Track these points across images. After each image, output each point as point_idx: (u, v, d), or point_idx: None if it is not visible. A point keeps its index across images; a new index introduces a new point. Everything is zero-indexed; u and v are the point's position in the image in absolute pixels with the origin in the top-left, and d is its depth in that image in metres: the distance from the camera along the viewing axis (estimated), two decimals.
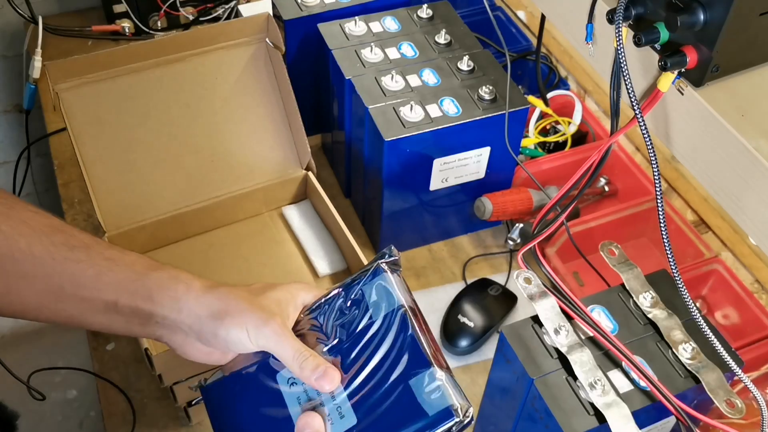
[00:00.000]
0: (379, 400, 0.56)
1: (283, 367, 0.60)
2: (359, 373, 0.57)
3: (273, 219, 0.97)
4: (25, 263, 0.58)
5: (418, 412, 0.54)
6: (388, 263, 0.61)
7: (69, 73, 0.84)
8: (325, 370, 0.57)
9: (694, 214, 1.05)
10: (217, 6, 1.23)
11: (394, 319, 0.58)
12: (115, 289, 0.59)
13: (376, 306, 0.59)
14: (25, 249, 0.58)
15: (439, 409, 0.53)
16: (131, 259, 0.61)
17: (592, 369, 0.60)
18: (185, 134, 0.91)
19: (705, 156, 0.53)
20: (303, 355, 0.58)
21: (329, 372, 0.57)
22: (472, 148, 0.92)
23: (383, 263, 0.61)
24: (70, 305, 0.60)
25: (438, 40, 0.97)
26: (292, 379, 0.59)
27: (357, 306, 0.60)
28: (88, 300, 0.59)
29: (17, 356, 1.62)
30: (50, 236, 0.59)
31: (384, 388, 0.56)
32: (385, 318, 0.58)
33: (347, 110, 0.96)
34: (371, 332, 0.58)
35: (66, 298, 0.59)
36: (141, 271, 0.60)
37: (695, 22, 0.50)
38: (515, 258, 1.01)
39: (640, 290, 0.66)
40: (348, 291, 0.61)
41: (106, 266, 0.60)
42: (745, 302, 0.92)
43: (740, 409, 0.58)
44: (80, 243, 0.60)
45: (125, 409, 0.85)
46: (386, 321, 0.58)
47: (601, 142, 1.07)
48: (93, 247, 0.61)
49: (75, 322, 0.61)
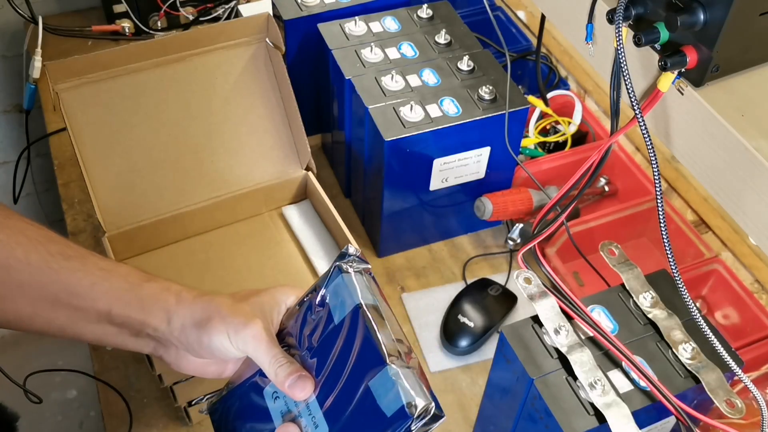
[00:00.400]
0: (346, 406, 0.55)
1: (268, 382, 0.60)
2: (328, 380, 0.57)
3: (273, 219, 0.97)
4: (22, 272, 0.58)
5: (377, 415, 0.53)
6: (348, 263, 0.59)
7: (69, 73, 0.84)
8: (298, 378, 0.57)
9: (694, 214, 1.05)
10: (217, 6, 1.23)
11: (352, 318, 0.57)
12: (109, 298, 0.60)
13: (336, 309, 0.58)
14: (22, 258, 0.58)
15: (396, 409, 0.52)
16: (125, 270, 0.62)
17: (592, 369, 0.60)
18: (185, 134, 0.91)
19: (705, 156, 0.53)
20: (279, 361, 0.58)
21: (301, 380, 0.57)
22: (472, 148, 0.92)
23: (342, 264, 0.59)
24: (64, 314, 0.60)
25: (438, 40, 0.97)
26: (276, 393, 0.59)
27: (321, 310, 0.59)
28: (82, 309, 0.60)
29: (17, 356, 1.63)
30: (46, 246, 0.60)
31: (348, 393, 0.55)
32: (344, 320, 0.57)
33: (347, 110, 0.96)
34: (334, 336, 0.57)
35: (60, 307, 0.60)
36: (135, 282, 0.61)
37: (695, 22, 0.50)
38: (515, 258, 1.01)
39: (640, 290, 0.66)
40: (314, 295, 0.60)
41: (101, 276, 0.61)
42: (745, 302, 0.92)
43: (740, 409, 0.58)
44: (76, 253, 0.61)
45: (125, 409, 0.85)
46: (344, 323, 0.57)
47: (601, 142, 1.07)
48: (88, 258, 0.61)
49: (67, 333, 0.61)
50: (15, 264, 0.58)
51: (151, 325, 0.60)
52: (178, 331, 0.60)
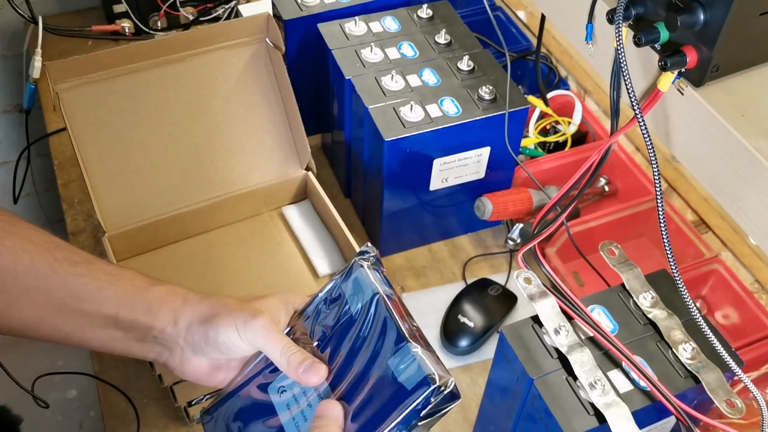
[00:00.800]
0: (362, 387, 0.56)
1: (274, 377, 0.60)
2: (342, 367, 0.57)
3: (273, 219, 0.97)
4: (28, 277, 0.59)
5: (398, 389, 0.54)
6: (365, 260, 0.61)
7: (69, 73, 0.84)
8: (312, 364, 0.57)
9: (694, 214, 1.05)
10: (217, 6, 1.23)
11: (370, 307, 0.58)
12: (115, 302, 0.60)
13: (354, 299, 0.60)
14: (28, 263, 0.59)
15: (417, 381, 0.53)
16: (131, 274, 0.62)
17: (592, 369, 0.60)
18: (185, 134, 0.91)
19: (705, 156, 0.53)
20: (290, 350, 0.58)
21: (315, 365, 0.57)
22: (472, 148, 0.92)
23: (360, 260, 0.61)
24: (70, 320, 0.60)
25: (438, 40, 0.97)
26: (282, 388, 0.60)
27: (336, 303, 0.61)
28: (88, 314, 0.60)
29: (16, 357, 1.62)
30: (52, 252, 0.60)
31: (365, 374, 0.56)
32: (362, 308, 0.59)
33: (347, 110, 0.96)
34: (350, 324, 0.59)
35: (67, 312, 0.60)
36: (141, 286, 0.61)
37: (695, 22, 0.50)
38: (515, 258, 1.01)
39: (640, 290, 0.66)
40: (328, 293, 0.62)
41: (108, 281, 0.61)
42: (745, 302, 0.92)
43: (740, 409, 0.58)
44: (82, 259, 0.61)
45: (125, 410, 0.85)
46: (363, 310, 0.58)
47: (601, 142, 1.07)
48: (94, 263, 0.62)
49: (73, 339, 0.61)
50: (21, 270, 0.58)
51: (158, 328, 0.60)
52: (184, 331, 0.60)
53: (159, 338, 0.61)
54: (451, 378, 0.54)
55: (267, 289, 0.89)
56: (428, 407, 0.53)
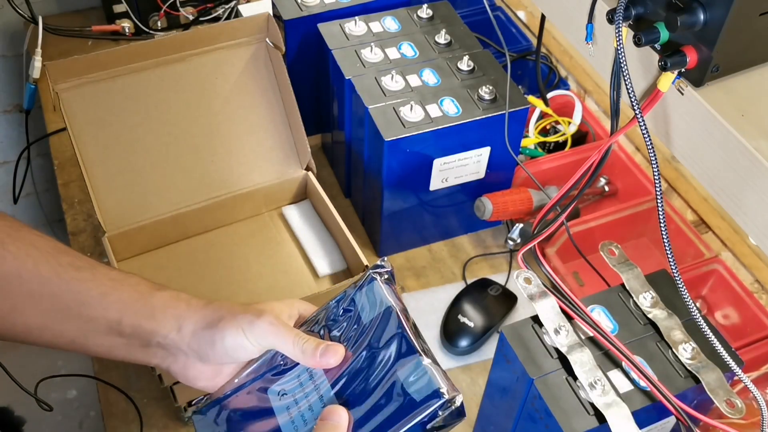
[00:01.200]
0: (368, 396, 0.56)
1: (275, 381, 0.60)
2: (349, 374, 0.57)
3: (273, 219, 0.97)
4: (32, 282, 0.59)
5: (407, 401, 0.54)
6: (380, 273, 0.62)
7: (69, 73, 0.84)
8: (327, 347, 0.57)
9: (694, 214, 1.05)
10: (217, 6, 1.23)
11: (383, 318, 0.58)
12: (119, 308, 0.60)
13: (366, 310, 0.60)
14: (32, 269, 0.59)
15: (427, 393, 0.53)
16: (135, 280, 0.62)
17: (592, 369, 0.60)
18: (185, 134, 0.91)
19: (705, 156, 0.53)
20: (302, 339, 0.58)
21: (331, 347, 0.57)
22: (472, 148, 0.92)
23: (375, 273, 0.61)
24: (74, 326, 0.60)
25: (438, 40, 0.97)
26: (282, 391, 0.60)
27: (348, 313, 0.61)
28: (92, 320, 0.60)
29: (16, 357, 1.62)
30: (57, 257, 0.60)
31: (373, 385, 0.56)
32: (374, 319, 0.59)
33: (347, 110, 0.96)
34: (360, 334, 0.59)
35: (71, 317, 0.60)
36: (145, 291, 0.61)
37: (695, 22, 0.50)
38: (515, 258, 1.01)
39: (640, 290, 0.66)
40: (340, 302, 0.62)
41: (111, 286, 0.61)
42: (745, 302, 0.92)
43: (740, 409, 0.58)
44: (86, 264, 0.61)
45: (125, 410, 0.85)
46: (375, 321, 0.58)
47: (601, 142, 1.07)
48: (98, 269, 0.62)
49: (77, 345, 0.61)
50: (25, 275, 0.58)
51: (161, 333, 0.60)
52: (189, 336, 0.60)
53: (162, 344, 0.60)
54: (460, 395, 0.54)
55: (267, 289, 0.89)
56: (435, 420, 0.53)
